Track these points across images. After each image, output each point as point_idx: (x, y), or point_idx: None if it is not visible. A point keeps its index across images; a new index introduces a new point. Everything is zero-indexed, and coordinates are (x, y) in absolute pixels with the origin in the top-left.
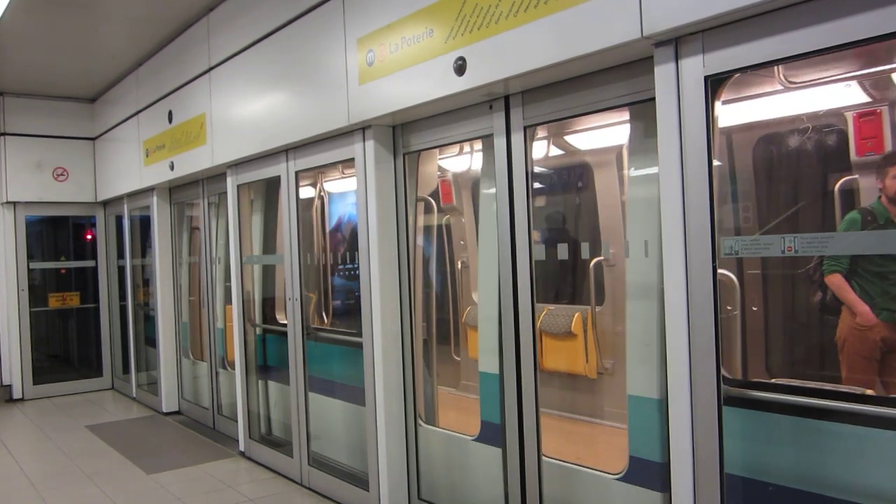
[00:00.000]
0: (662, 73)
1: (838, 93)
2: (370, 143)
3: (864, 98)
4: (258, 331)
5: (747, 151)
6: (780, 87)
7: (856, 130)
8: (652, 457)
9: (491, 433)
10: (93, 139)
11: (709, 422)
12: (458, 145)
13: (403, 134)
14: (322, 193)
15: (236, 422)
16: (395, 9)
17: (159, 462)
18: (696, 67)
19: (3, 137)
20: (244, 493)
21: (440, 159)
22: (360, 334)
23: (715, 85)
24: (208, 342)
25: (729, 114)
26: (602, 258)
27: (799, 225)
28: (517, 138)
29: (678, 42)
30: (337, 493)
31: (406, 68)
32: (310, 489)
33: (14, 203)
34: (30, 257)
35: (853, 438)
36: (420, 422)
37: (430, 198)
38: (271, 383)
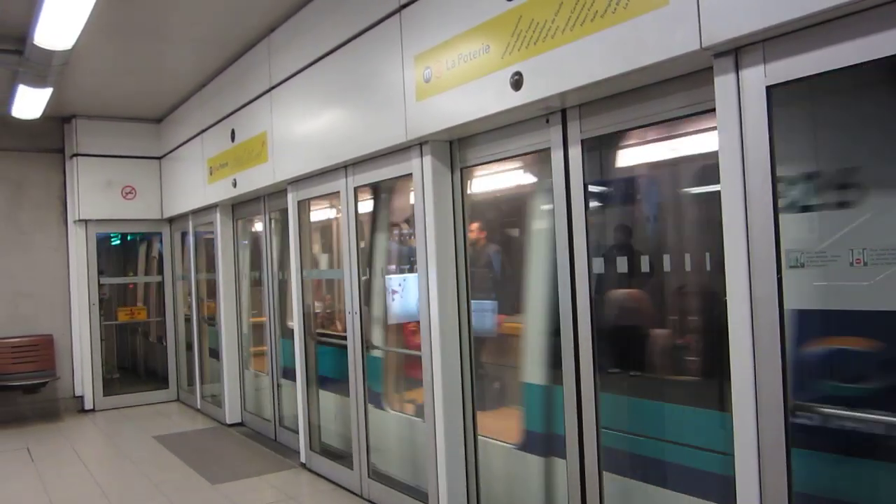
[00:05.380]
0: (722, 84)
1: None
2: (427, 159)
3: None
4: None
5: None
6: None
7: None
8: None
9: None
10: (159, 158)
11: (775, 440)
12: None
13: (460, 149)
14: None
15: (298, 434)
16: (452, 26)
17: (223, 473)
18: (757, 78)
19: (75, 158)
20: None
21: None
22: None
23: (778, 95)
24: (270, 355)
25: None
26: None
27: None
28: (574, 151)
29: (738, 52)
30: None
31: (463, 84)
32: (370, 501)
33: (86, 221)
34: (100, 272)
35: None
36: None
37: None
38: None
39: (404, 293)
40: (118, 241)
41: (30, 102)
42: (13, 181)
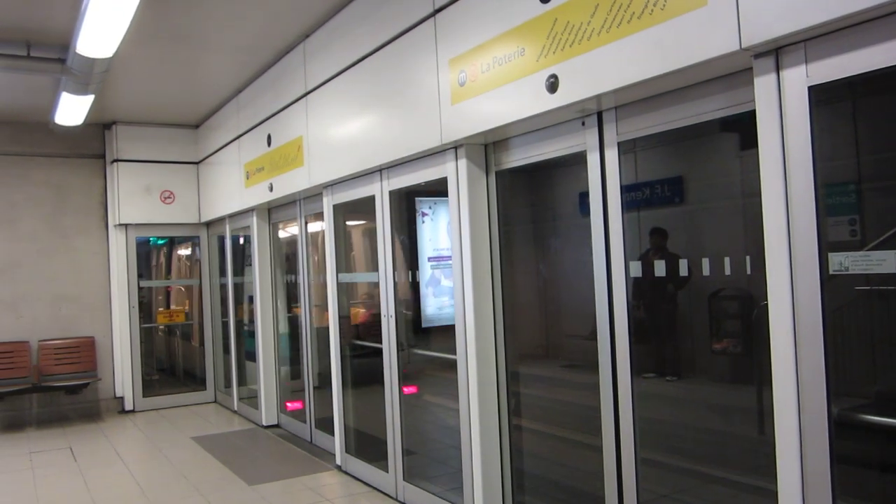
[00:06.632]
0: (763, 85)
1: None
2: (462, 162)
3: None
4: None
5: None
6: None
7: None
8: None
9: None
10: (197, 163)
11: (819, 448)
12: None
13: (495, 152)
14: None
15: (333, 436)
16: (487, 29)
17: (260, 474)
18: (798, 78)
19: (116, 164)
20: None
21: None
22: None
23: (819, 94)
24: (306, 358)
25: None
26: None
27: None
28: (611, 154)
29: (779, 52)
30: None
31: (498, 87)
32: None
33: (126, 225)
34: (139, 276)
35: None
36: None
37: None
38: None
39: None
40: (164, 241)
41: (72, 109)
42: (56, 186)
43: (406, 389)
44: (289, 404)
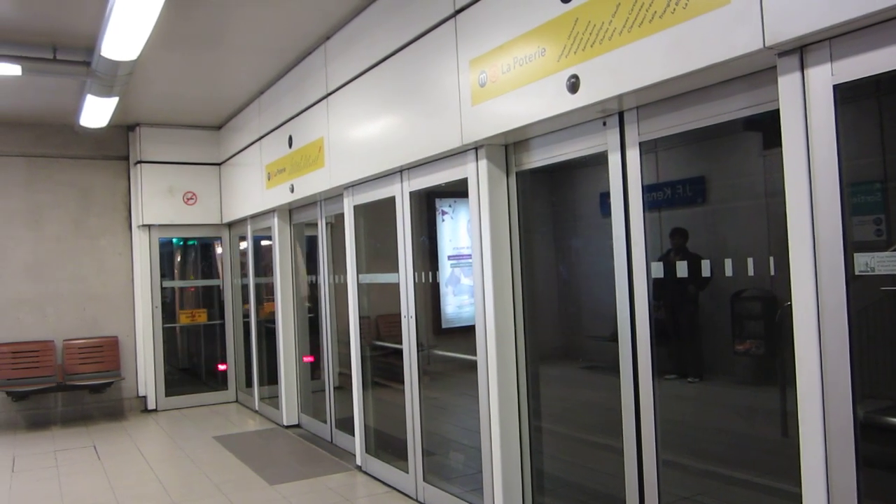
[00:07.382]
0: (787, 84)
1: None
2: (483, 163)
3: None
4: None
5: None
6: None
7: None
8: None
9: None
10: (219, 164)
11: (844, 450)
12: None
13: (516, 152)
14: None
15: (353, 436)
16: (507, 30)
17: (281, 473)
18: (823, 76)
19: (139, 165)
20: None
21: None
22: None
23: (844, 93)
24: (326, 359)
25: None
26: None
27: None
28: (632, 154)
29: (803, 51)
30: None
31: (518, 88)
32: None
33: (149, 226)
34: (162, 276)
35: None
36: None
37: None
38: None
39: None
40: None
41: (97, 112)
42: (81, 188)
43: (305, 358)
44: (219, 366)
